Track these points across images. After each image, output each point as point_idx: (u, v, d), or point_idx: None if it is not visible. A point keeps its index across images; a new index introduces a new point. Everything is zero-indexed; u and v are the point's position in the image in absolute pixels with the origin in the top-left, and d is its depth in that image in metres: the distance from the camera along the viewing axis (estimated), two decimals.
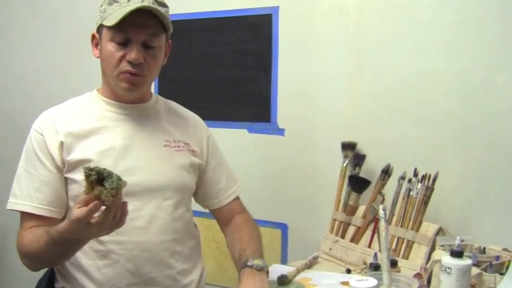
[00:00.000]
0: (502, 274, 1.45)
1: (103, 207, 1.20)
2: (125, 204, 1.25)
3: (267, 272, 1.53)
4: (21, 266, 3.28)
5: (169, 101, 1.77)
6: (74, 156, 1.50)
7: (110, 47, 1.50)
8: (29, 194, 1.50)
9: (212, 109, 2.41)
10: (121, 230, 1.41)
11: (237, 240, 1.66)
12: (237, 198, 1.80)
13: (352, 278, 1.29)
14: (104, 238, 1.47)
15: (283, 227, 2.34)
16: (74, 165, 1.50)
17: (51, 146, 1.51)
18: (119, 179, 1.20)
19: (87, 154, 1.50)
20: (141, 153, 1.56)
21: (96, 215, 1.21)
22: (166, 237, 1.58)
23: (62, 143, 1.50)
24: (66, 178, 1.52)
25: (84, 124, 1.55)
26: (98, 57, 1.58)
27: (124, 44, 1.49)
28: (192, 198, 1.75)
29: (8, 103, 3.22)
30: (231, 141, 2.26)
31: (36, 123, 1.57)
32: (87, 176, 1.19)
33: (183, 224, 1.64)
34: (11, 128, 3.21)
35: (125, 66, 1.50)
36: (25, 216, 1.52)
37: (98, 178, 1.19)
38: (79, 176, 1.42)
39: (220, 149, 1.81)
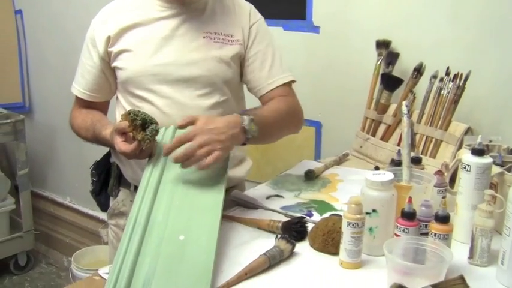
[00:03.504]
0: None
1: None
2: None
3: (246, 139, 1.46)
4: (70, 161, 3.47)
5: None
6: (117, 47, 1.60)
7: None
8: (78, 78, 1.71)
9: None
10: (156, 116, 1.45)
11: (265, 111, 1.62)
12: (283, 85, 1.69)
13: (370, 172, 1.32)
14: None
15: (317, 125, 2.37)
16: (117, 55, 1.61)
17: (99, 40, 1.61)
18: (156, 127, 1.37)
19: (128, 44, 1.60)
20: (179, 44, 1.59)
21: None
22: None
23: (109, 37, 1.60)
24: (113, 68, 1.64)
25: (132, 17, 1.61)
26: None
27: None
28: None
29: (50, 8, 3.33)
30: None
31: (95, 17, 1.67)
32: (133, 120, 1.37)
33: (218, 114, 1.59)
34: (55, 30, 3.30)
35: None
36: (76, 96, 1.73)
37: (143, 125, 1.37)
38: (121, 62, 1.61)
39: (272, 38, 1.72)
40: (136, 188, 1.66)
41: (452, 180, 1.55)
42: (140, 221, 1.25)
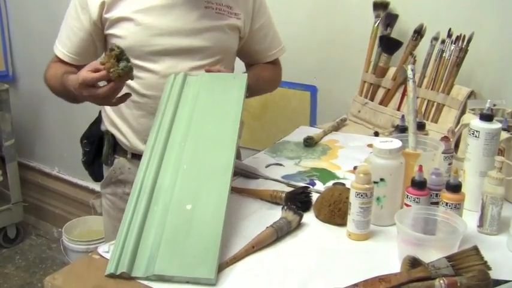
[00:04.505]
0: None
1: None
2: (127, 95, 1.40)
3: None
4: (58, 130, 3.38)
5: None
6: (115, 13, 1.53)
7: None
8: (63, 40, 1.62)
9: None
10: (155, 86, 1.50)
11: (257, 67, 1.75)
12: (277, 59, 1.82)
13: (377, 140, 1.28)
14: (140, 91, 1.57)
15: (313, 89, 2.31)
16: (114, 22, 1.54)
17: (92, 4, 1.53)
18: (131, 68, 1.29)
19: (127, 12, 1.52)
20: (181, 14, 1.54)
21: (100, 84, 1.33)
22: None
23: (103, 2, 1.52)
24: (106, 35, 1.57)
25: None
26: None
27: None
28: None
29: None
30: None
31: None
32: (111, 50, 1.27)
33: None
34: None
35: None
36: (56, 57, 1.64)
37: (118, 56, 1.27)
38: (120, 30, 1.53)
39: (269, 10, 1.75)
40: (133, 155, 1.66)
41: (455, 145, 1.52)
42: (146, 187, 1.21)
